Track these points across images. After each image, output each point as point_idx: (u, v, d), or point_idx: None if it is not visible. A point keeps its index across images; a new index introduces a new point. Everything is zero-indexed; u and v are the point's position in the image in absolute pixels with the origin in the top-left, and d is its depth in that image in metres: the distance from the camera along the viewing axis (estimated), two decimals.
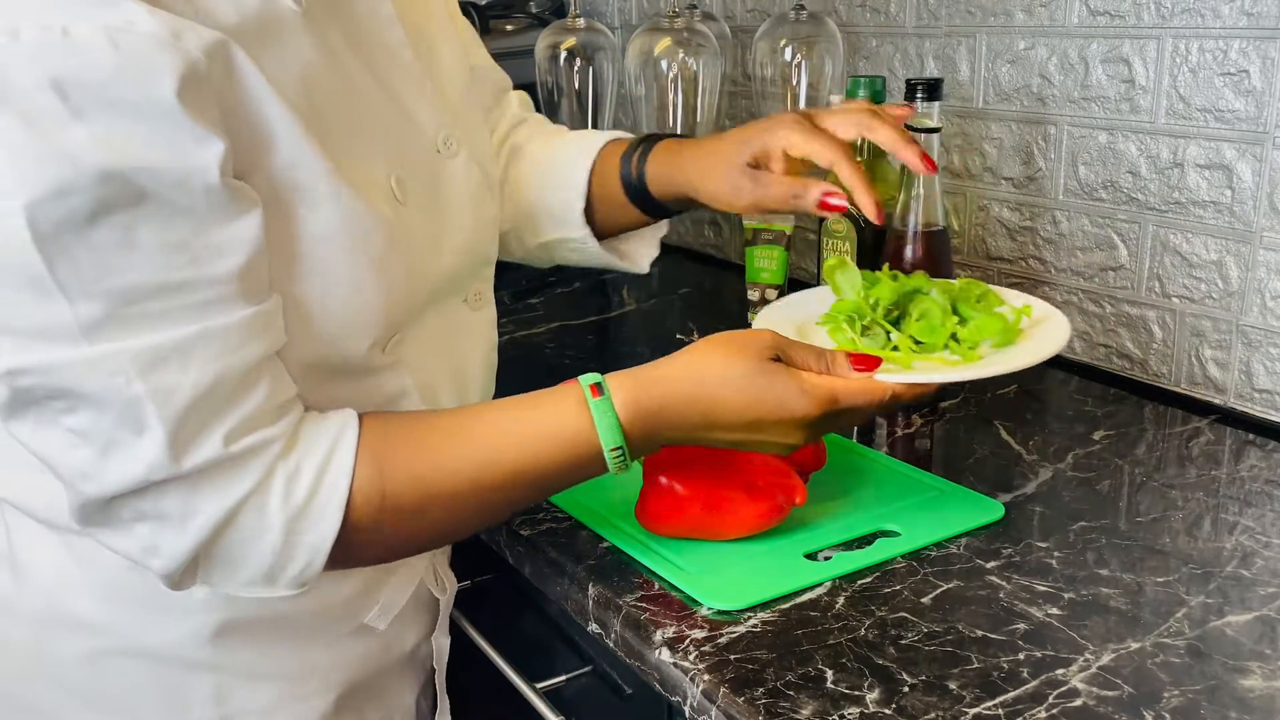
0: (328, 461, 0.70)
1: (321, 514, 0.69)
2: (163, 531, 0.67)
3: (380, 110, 0.77)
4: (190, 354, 0.64)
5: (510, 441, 0.75)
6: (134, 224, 0.61)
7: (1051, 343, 0.83)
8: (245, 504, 0.67)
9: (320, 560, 0.70)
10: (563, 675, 0.93)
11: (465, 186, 0.84)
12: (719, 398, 0.76)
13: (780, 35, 1.41)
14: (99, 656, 0.79)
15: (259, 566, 0.69)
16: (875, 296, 0.87)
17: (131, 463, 0.64)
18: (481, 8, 1.71)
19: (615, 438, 0.74)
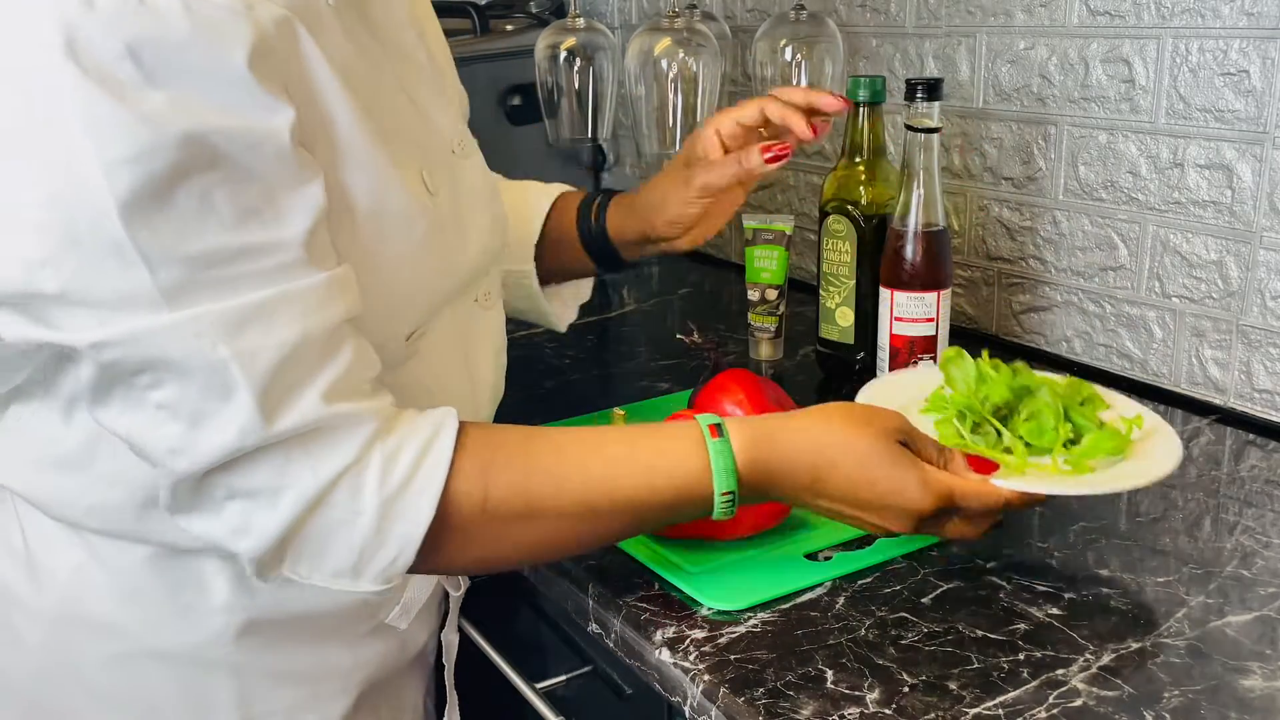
0: (428, 448, 0.69)
1: (417, 502, 0.68)
2: (254, 509, 0.66)
3: (404, 108, 0.77)
4: (272, 315, 0.63)
5: (623, 469, 0.73)
6: (210, 189, 0.61)
7: (1166, 462, 0.81)
8: (340, 481, 0.66)
9: (410, 553, 0.68)
10: (563, 675, 0.93)
11: (479, 185, 0.85)
12: (837, 465, 0.74)
13: (780, 35, 1.41)
14: (121, 659, 0.79)
15: (348, 553, 0.68)
16: (985, 394, 0.86)
17: (222, 430, 0.63)
18: (481, 8, 1.71)
19: (729, 482, 0.73)
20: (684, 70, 1.43)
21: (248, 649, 0.80)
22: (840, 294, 1.19)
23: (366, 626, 0.86)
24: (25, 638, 0.80)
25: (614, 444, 0.75)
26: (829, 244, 1.19)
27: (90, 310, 0.62)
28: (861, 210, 1.17)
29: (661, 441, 0.74)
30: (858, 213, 1.17)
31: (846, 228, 1.18)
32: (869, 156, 1.18)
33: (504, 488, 0.71)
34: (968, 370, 0.88)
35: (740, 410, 0.90)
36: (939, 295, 1.10)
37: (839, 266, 1.19)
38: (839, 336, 1.21)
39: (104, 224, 0.59)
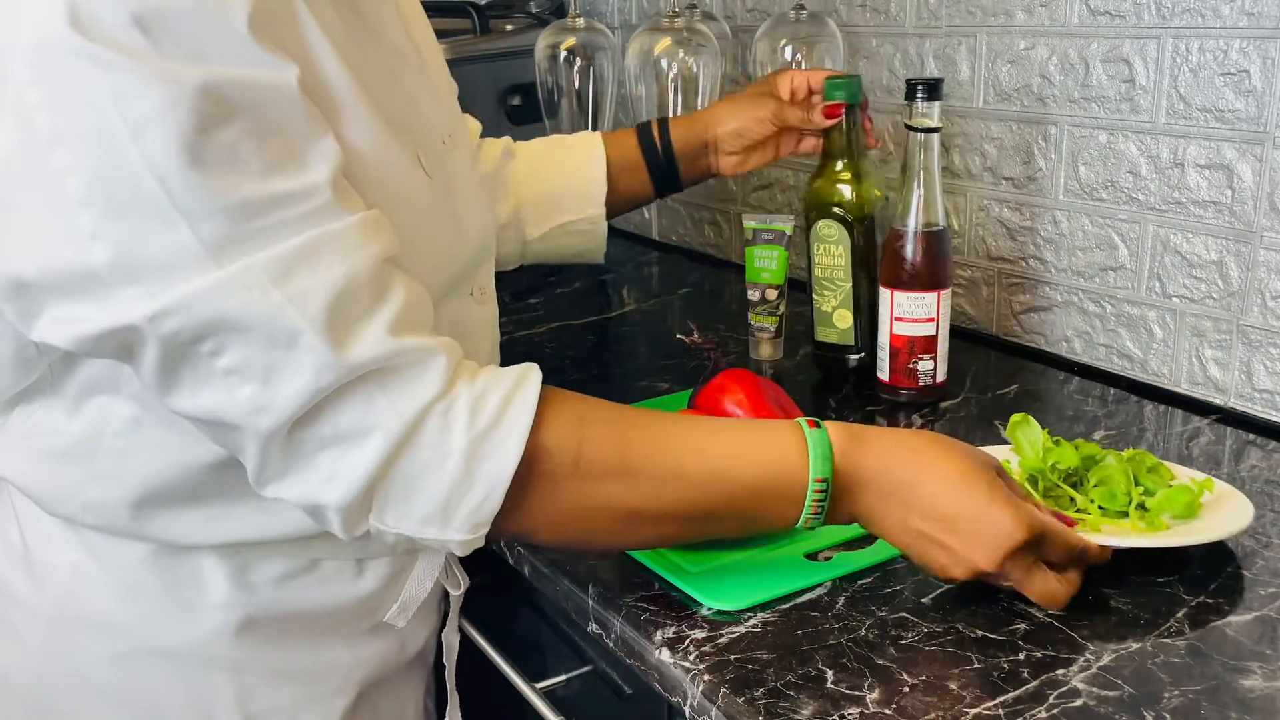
0: (515, 391, 0.69)
1: (505, 442, 0.67)
2: (343, 454, 0.66)
3: (395, 97, 0.78)
4: (317, 256, 0.64)
5: (718, 440, 0.73)
6: (236, 141, 0.62)
7: (1239, 517, 0.82)
8: (427, 417, 0.66)
9: (498, 496, 0.68)
10: (563, 675, 0.93)
11: (470, 178, 0.86)
12: (931, 479, 0.73)
13: (780, 35, 1.41)
14: (121, 657, 0.79)
15: (436, 497, 0.67)
16: (1055, 459, 0.87)
17: (297, 376, 0.63)
18: (481, 8, 1.71)
19: (824, 469, 0.72)
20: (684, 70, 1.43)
21: (247, 647, 0.80)
22: (837, 297, 1.19)
23: (366, 625, 0.86)
24: (25, 637, 0.80)
25: (710, 420, 0.78)
26: (820, 249, 1.19)
27: (142, 284, 0.62)
28: (850, 212, 1.16)
29: (759, 427, 0.76)
30: (847, 215, 1.16)
31: (838, 231, 1.17)
32: (851, 158, 1.17)
33: (601, 441, 0.70)
34: (1035, 436, 0.89)
35: (740, 410, 0.90)
36: (939, 295, 1.10)
37: (833, 270, 1.19)
38: (838, 339, 1.21)
39: (141, 186, 0.60)
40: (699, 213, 1.80)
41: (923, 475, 0.73)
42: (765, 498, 0.73)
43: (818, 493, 0.72)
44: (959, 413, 1.12)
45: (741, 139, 1.14)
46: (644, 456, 0.71)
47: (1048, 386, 1.20)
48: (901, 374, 1.13)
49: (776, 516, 0.74)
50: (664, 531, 0.75)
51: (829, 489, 0.72)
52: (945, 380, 1.14)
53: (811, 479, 0.72)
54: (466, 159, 0.86)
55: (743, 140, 1.14)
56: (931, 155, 1.09)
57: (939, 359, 1.13)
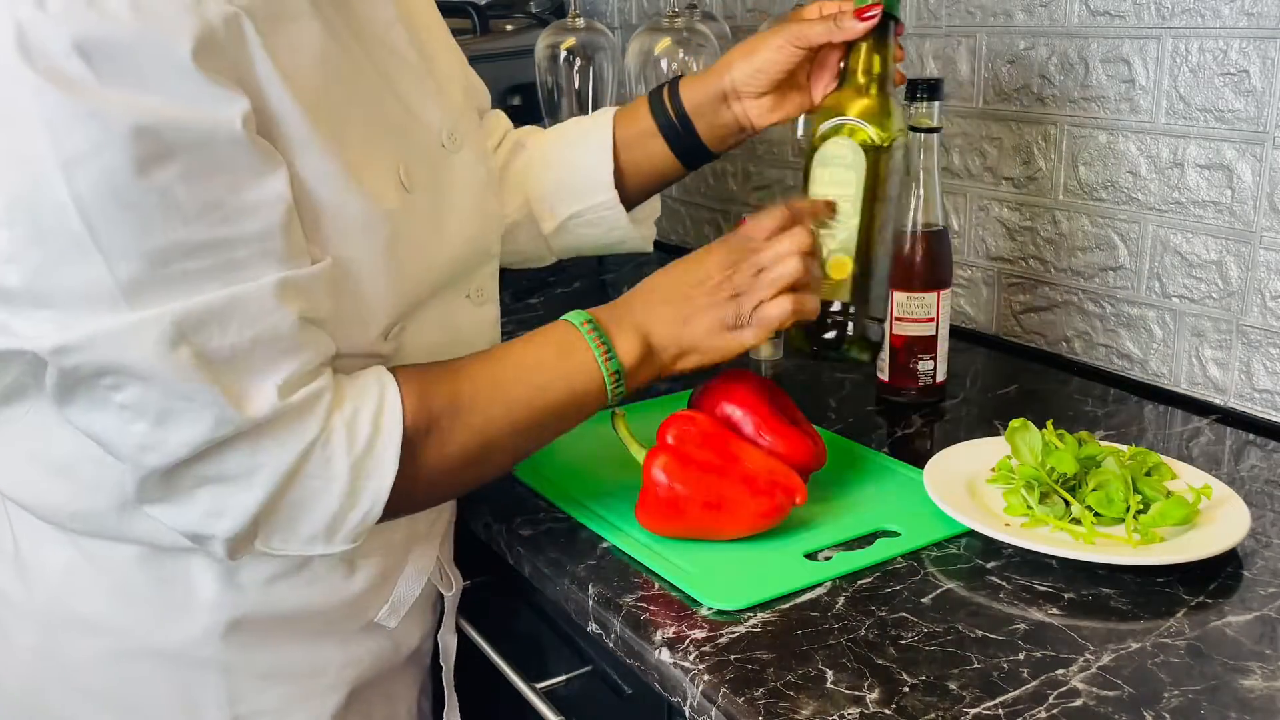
0: (381, 405, 0.72)
1: (382, 456, 0.71)
2: (227, 493, 0.68)
3: (385, 102, 0.78)
4: (228, 316, 0.65)
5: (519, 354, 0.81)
6: (170, 182, 0.62)
7: (1234, 530, 0.82)
8: (310, 454, 0.68)
9: (380, 505, 0.71)
10: (563, 675, 0.93)
11: (470, 180, 0.85)
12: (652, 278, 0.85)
13: None
14: (112, 658, 0.79)
15: (322, 519, 0.70)
16: (1052, 464, 0.88)
17: (192, 425, 0.65)
18: (481, 8, 1.71)
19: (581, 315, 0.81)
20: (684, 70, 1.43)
21: (236, 647, 0.80)
22: (835, 237, 0.89)
23: (357, 625, 0.86)
24: (16, 638, 0.80)
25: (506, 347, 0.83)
26: (825, 174, 0.91)
27: (51, 311, 0.63)
28: (868, 136, 0.91)
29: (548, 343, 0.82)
30: (864, 137, 0.91)
31: (853, 153, 0.90)
32: (875, 84, 0.93)
33: (439, 398, 0.75)
34: (1033, 441, 0.89)
35: (740, 410, 0.90)
36: (939, 295, 1.10)
37: (839, 201, 0.90)
38: (830, 293, 0.89)
39: (65, 219, 0.60)
40: (699, 213, 1.81)
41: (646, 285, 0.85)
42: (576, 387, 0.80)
43: (612, 375, 0.81)
44: (959, 412, 1.12)
45: (763, 76, 0.94)
46: (467, 391, 0.77)
47: (1048, 386, 1.20)
48: (902, 374, 1.12)
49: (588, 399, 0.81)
50: (517, 441, 0.80)
51: (595, 325, 0.81)
52: (945, 380, 1.14)
53: (605, 374, 0.80)
54: (468, 159, 0.85)
55: (765, 77, 0.94)
56: (932, 155, 1.08)
57: (939, 359, 1.13)
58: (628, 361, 0.80)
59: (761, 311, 0.82)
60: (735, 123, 0.98)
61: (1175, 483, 0.90)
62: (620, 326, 0.81)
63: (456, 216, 0.83)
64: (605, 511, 0.91)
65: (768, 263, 0.82)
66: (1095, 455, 0.89)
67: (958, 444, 0.99)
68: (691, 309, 0.82)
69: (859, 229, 0.89)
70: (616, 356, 0.80)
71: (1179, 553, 0.80)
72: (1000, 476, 0.92)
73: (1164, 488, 0.88)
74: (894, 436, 1.07)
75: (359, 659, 0.87)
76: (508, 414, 0.78)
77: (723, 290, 0.82)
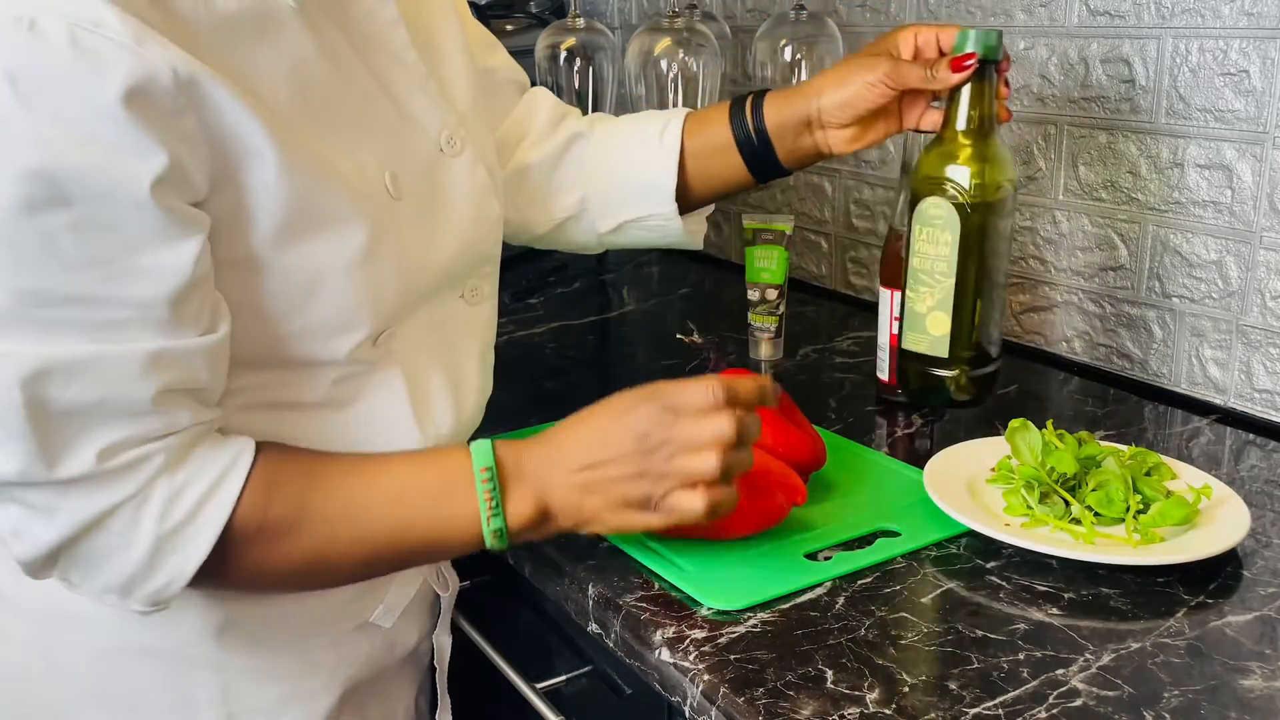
0: (215, 488, 0.69)
1: (194, 539, 0.69)
2: (29, 519, 0.67)
3: (377, 107, 0.77)
4: (76, 374, 0.64)
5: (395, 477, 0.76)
6: (57, 229, 0.61)
7: (1234, 531, 0.82)
8: (117, 511, 0.67)
9: (180, 584, 0.70)
10: (563, 675, 0.93)
11: (468, 185, 0.84)
12: (562, 437, 0.77)
13: (780, 35, 1.41)
14: (105, 654, 0.79)
15: (118, 576, 0.69)
16: (1052, 464, 0.88)
17: (4, 461, 0.65)
18: (481, 8, 1.71)
19: (486, 458, 0.74)
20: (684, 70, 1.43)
21: (228, 646, 0.80)
22: (934, 295, 0.97)
23: (351, 625, 0.86)
24: (12, 633, 0.80)
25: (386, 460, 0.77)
26: (922, 233, 0.96)
27: None
28: (966, 193, 0.94)
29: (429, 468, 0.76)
30: (962, 196, 0.94)
31: (947, 213, 0.94)
32: (976, 130, 0.95)
33: (285, 501, 0.72)
34: (1033, 441, 0.89)
35: None
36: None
37: (934, 261, 0.96)
38: (929, 348, 0.98)
39: None
40: None
41: (556, 438, 0.77)
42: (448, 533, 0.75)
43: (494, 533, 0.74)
44: (959, 412, 1.12)
45: (850, 110, 0.94)
46: (319, 503, 0.73)
47: (1048, 386, 1.20)
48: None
49: (458, 546, 0.76)
50: (352, 573, 0.77)
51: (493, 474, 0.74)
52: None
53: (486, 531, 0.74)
54: (467, 163, 0.84)
55: (851, 111, 0.94)
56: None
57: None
58: (515, 523, 0.75)
59: (670, 501, 0.74)
60: (815, 149, 0.98)
61: (1175, 483, 0.90)
62: (520, 484, 0.75)
63: (451, 222, 0.83)
64: None
65: (684, 448, 0.74)
66: (1095, 455, 0.89)
67: (958, 444, 0.99)
68: (597, 479, 0.75)
69: (956, 286, 0.95)
70: (504, 515, 0.75)
71: (1179, 553, 0.80)
72: (1000, 476, 0.92)
73: (1164, 488, 0.88)
74: (894, 436, 1.07)
75: (353, 659, 0.86)
76: (355, 541, 0.74)
77: (633, 465, 0.74)
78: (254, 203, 0.68)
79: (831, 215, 1.56)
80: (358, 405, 0.79)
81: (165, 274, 0.64)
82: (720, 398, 0.74)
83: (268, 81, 0.68)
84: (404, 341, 0.80)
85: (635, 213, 1.01)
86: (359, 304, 0.74)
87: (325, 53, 0.73)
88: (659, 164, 0.99)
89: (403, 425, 0.80)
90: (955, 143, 0.94)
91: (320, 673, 0.85)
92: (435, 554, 0.80)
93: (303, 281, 0.71)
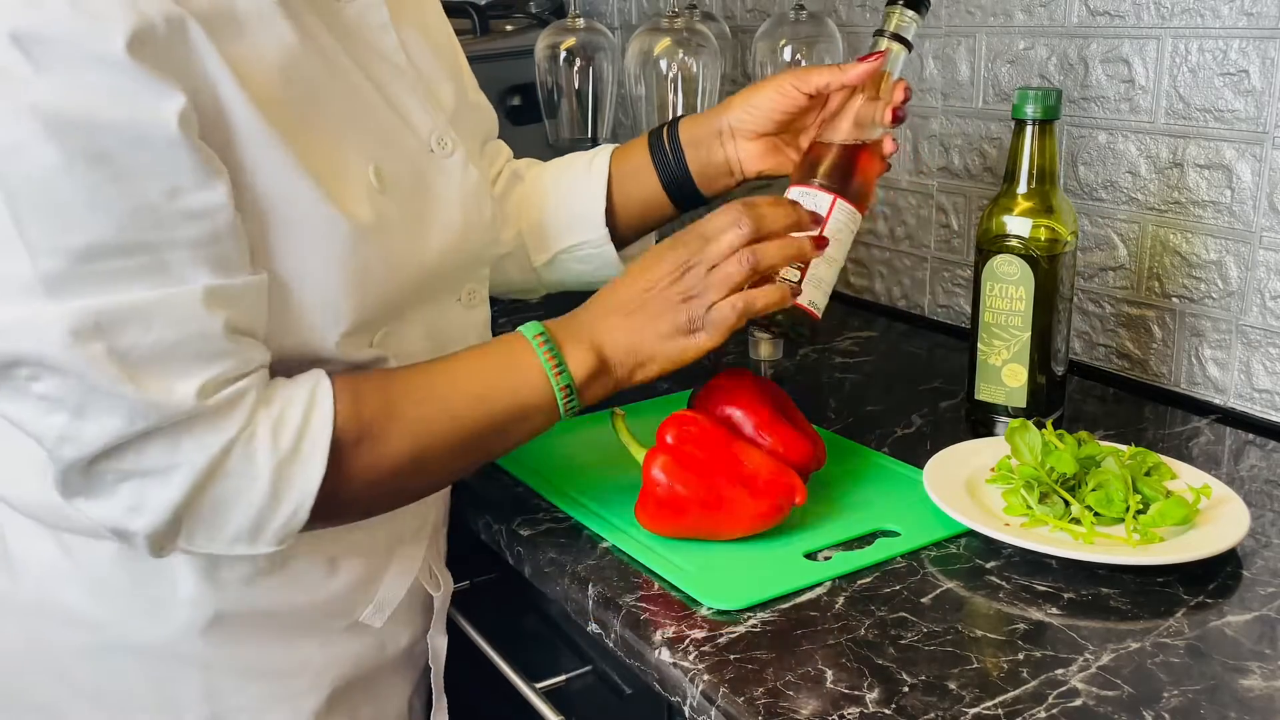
0: (311, 407, 0.71)
1: (310, 457, 0.70)
2: (148, 487, 0.67)
3: (366, 104, 0.78)
4: (151, 317, 0.65)
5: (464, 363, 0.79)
6: (100, 183, 0.62)
7: (1234, 530, 0.82)
8: (231, 451, 0.68)
9: (306, 508, 0.70)
10: (563, 675, 0.93)
11: (459, 185, 0.85)
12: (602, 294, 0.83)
13: (780, 35, 1.41)
14: (94, 651, 0.80)
15: (245, 517, 0.70)
16: (1052, 464, 0.88)
17: (108, 416, 0.65)
18: (481, 8, 1.71)
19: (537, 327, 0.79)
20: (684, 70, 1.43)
21: (215, 644, 0.80)
22: (1010, 349, 1.02)
23: (341, 624, 0.86)
24: (2, 631, 0.81)
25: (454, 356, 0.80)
26: (994, 289, 1.01)
27: None
28: (1037, 249, 0.99)
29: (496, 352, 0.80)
30: (1034, 250, 0.99)
31: (1020, 270, 0.99)
32: (1040, 184, 1.00)
33: (373, 406, 0.73)
34: (1033, 441, 0.89)
35: (739, 411, 0.90)
36: (835, 201, 0.88)
37: (1009, 316, 1.01)
38: (1005, 399, 1.04)
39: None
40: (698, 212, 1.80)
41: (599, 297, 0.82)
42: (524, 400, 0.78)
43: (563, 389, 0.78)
44: (959, 412, 1.12)
45: (758, 113, 0.94)
46: (403, 398, 0.75)
47: None
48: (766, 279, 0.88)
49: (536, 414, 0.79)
50: (455, 455, 0.78)
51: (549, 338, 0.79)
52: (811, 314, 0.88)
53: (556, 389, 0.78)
54: (457, 165, 0.85)
55: (761, 114, 0.94)
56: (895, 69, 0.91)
57: (808, 277, 0.87)
58: (579, 375, 0.79)
59: (713, 314, 0.79)
60: (726, 164, 0.98)
61: (1175, 483, 0.90)
62: (573, 339, 0.79)
63: (442, 222, 0.83)
64: (605, 511, 0.91)
65: (716, 259, 0.80)
66: (1095, 455, 0.89)
67: (958, 444, 0.99)
68: (644, 317, 0.80)
69: (1032, 338, 1.00)
70: (568, 370, 0.78)
71: (1179, 553, 0.80)
72: (1000, 476, 0.92)
73: (1164, 488, 0.88)
74: (894, 436, 1.07)
75: (342, 658, 0.86)
76: (447, 424, 0.76)
77: (673, 293, 0.80)
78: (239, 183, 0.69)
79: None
80: None
81: (208, 214, 0.66)
82: (747, 229, 0.80)
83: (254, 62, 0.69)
84: (402, 342, 0.81)
85: (567, 241, 1.01)
86: (344, 295, 0.74)
87: (312, 48, 0.73)
88: (587, 192, 1.00)
89: None
90: (1016, 195, 0.99)
91: (308, 672, 0.85)
92: (520, 426, 0.80)
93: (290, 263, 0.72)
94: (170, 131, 0.63)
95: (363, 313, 0.76)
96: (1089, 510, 0.85)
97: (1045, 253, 0.99)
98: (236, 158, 0.68)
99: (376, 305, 0.77)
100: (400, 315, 0.80)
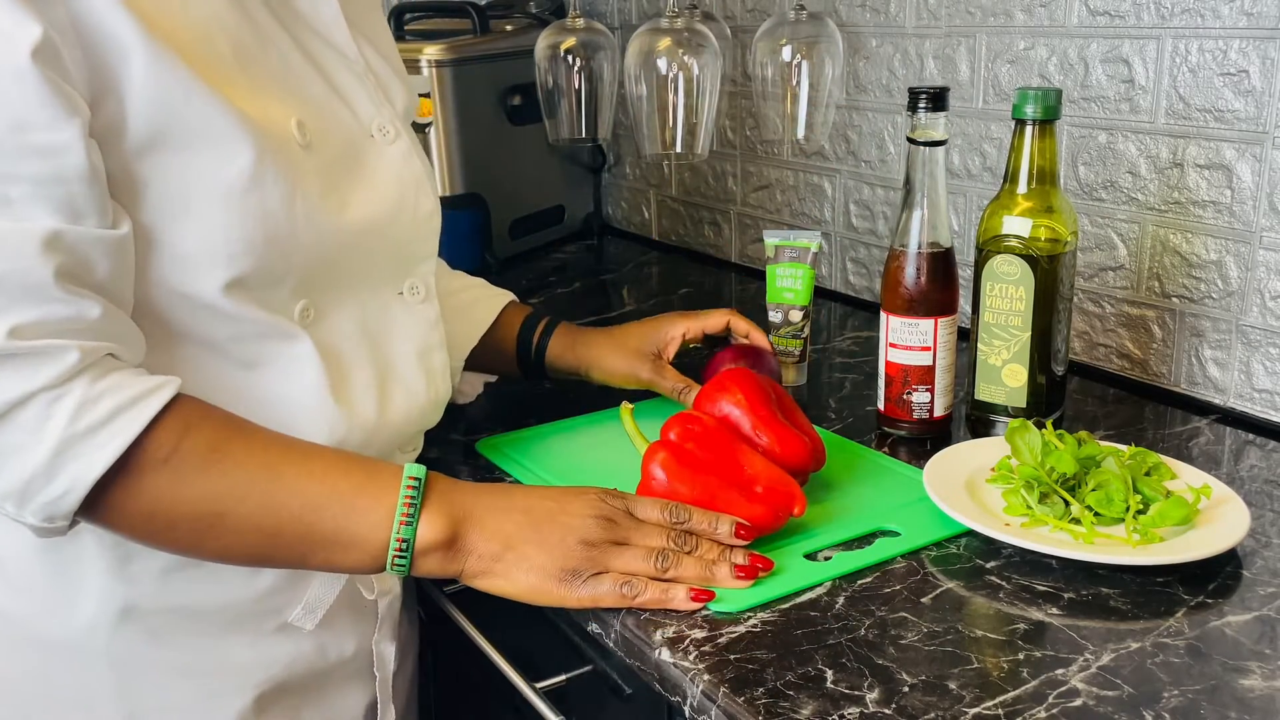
0: (134, 403, 0.69)
1: (102, 447, 0.67)
2: None
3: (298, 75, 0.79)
4: None
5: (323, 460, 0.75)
6: None
7: (1234, 530, 0.82)
8: (28, 403, 0.66)
9: (77, 496, 0.68)
10: (563, 675, 0.93)
11: (397, 171, 0.85)
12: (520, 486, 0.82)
13: (780, 35, 1.40)
14: (12, 645, 0.79)
15: (17, 478, 0.67)
16: (1052, 464, 0.88)
17: None
18: (481, 8, 1.71)
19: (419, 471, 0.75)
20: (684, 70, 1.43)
21: (128, 640, 0.79)
22: (1010, 348, 1.02)
23: (270, 625, 0.84)
24: None
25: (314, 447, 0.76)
26: (994, 289, 1.01)
27: None
28: (1035, 246, 0.99)
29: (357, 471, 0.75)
30: (1034, 250, 0.99)
31: (1020, 269, 0.99)
32: (1040, 184, 1.00)
33: (200, 438, 0.70)
34: (1033, 441, 0.89)
35: (738, 410, 0.90)
36: (936, 323, 1.01)
37: (1009, 316, 1.01)
38: (1005, 399, 1.04)
39: None
40: (699, 213, 1.81)
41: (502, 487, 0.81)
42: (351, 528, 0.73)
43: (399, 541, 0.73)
44: (959, 412, 1.12)
45: (610, 379, 1.08)
46: (238, 453, 0.71)
47: None
48: (895, 404, 1.05)
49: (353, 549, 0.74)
50: (245, 541, 0.73)
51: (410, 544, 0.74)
52: (946, 416, 1.06)
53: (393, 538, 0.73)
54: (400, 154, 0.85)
55: (611, 380, 1.08)
56: (936, 169, 1.00)
57: (937, 392, 1.04)
58: (424, 538, 0.74)
59: (601, 582, 0.76)
60: (577, 373, 1.09)
61: (1175, 483, 0.90)
62: (443, 505, 0.75)
63: (368, 198, 0.82)
64: None
65: (636, 543, 0.78)
66: (1095, 455, 0.89)
67: (958, 444, 0.99)
68: (548, 530, 0.76)
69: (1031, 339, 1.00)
70: (416, 527, 0.74)
71: (1179, 553, 0.80)
72: (1000, 476, 0.92)
73: (1164, 488, 0.88)
74: (894, 436, 1.07)
75: (271, 661, 0.84)
76: (261, 507, 0.72)
77: (585, 535, 0.76)
78: (129, 108, 0.68)
79: (831, 215, 1.56)
80: (266, 370, 0.78)
81: (56, 152, 0.65)
82: (675, 542, 0.79)
83: (164, 9, 0.69)
84: (329, 325, 0.80)
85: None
86: (239, 236, 0.72)
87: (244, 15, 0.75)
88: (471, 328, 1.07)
89: (318, 405, 0.79)
90: (1016, 195, 1.00)
91: (232, 672, 0.83)
92: (334, 554, 0.74)
93: (176, 195, 0.71)
94: (20, 61, 0.63)
95: (256, 261, 0.73)
96: (1089, 510, 0.85)
97: (1045, 253, 0.99)
98: (130, 79, 0.67)
99: (277, 259, 0.75)
100: (322, 290, 0.79)
